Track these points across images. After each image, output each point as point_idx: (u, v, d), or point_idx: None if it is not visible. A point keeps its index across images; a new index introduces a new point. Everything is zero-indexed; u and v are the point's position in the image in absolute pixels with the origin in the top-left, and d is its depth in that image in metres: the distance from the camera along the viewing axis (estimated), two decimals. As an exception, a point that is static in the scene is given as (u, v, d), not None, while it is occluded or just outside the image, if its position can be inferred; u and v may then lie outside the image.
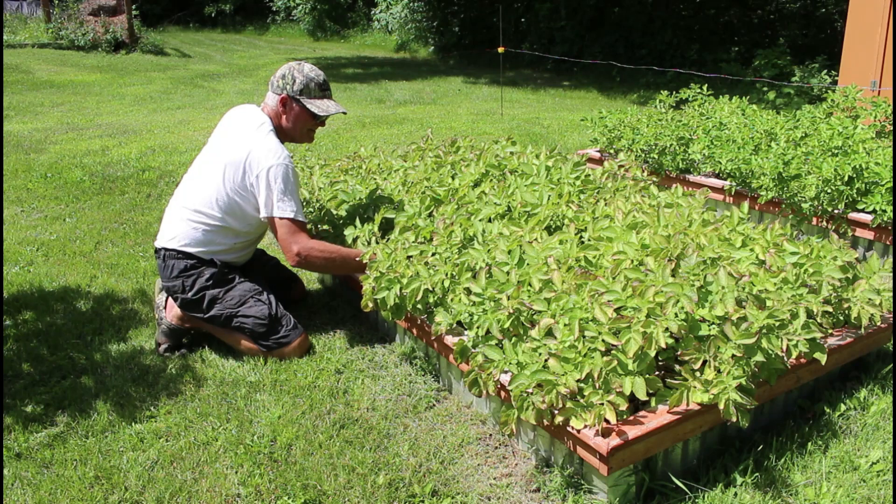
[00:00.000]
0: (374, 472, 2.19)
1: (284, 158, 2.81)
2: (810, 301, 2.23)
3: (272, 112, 2.95)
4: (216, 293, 2.85)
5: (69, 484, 2.15)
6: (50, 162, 5.92)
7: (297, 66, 2.92)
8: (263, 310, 2.83)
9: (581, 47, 12.66)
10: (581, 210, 2.84)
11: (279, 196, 2.79)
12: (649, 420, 2.00)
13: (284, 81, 2.90)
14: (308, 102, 2.90)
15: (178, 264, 2.86)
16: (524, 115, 8.29)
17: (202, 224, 2.86)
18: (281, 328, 2.84)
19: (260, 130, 2.87)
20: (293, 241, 2.82)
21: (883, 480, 2.11)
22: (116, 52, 13.95)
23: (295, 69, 2.91)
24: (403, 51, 16.42)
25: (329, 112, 2.92)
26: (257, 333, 2.82)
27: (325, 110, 2.91)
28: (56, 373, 2.77)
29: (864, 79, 5.55)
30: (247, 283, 2.91)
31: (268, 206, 2.82)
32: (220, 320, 2.85)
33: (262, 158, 2.79)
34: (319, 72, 2.95)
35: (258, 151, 2.80)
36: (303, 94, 2.90)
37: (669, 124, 4.61)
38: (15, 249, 4.06)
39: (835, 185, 3.56)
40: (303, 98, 2.90)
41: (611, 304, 2.10)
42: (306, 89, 2.90)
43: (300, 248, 2.82)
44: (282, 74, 2.91)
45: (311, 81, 2.90)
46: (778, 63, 9.62)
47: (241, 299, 2.85)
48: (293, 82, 2.89)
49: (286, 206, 2.80)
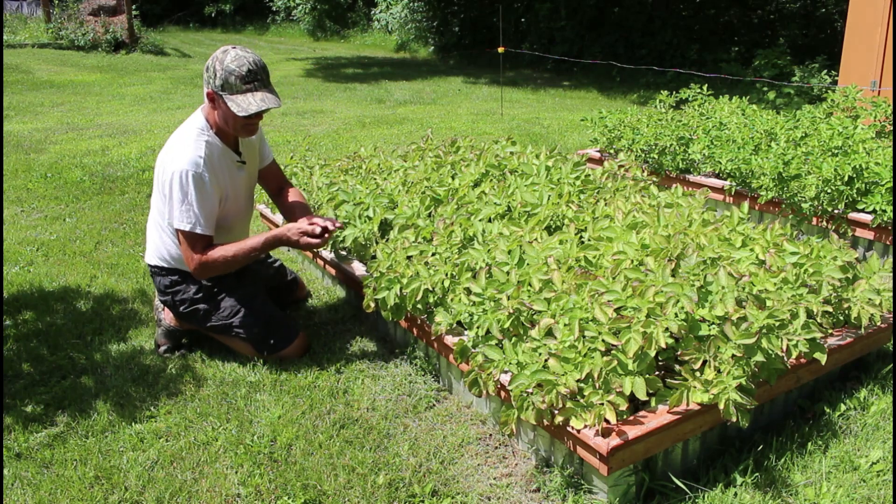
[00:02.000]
0: (374, 472, 2.19)
1: (189, 164, 2.58)
2: (810, 301, 2.23)
3: (207, 110, 2.70)
4: (207, 307, 2.82)
5: (69, 484, 2.15)
6: (50, 162, 5.92)
7: (221, 55, 2.57)
8: (258, 319, 2.80)
9: (581, 47, 12.66)
10: (581, 210, 2.84)
11: (178, 205, 2.60)
12: (649, 420, 2.00)
13: (208, 75, 2.59)
14: (229, 99, 2.55)
15: (164, 280, 2.84)
16: (524, 115, 8.29)
17: (166, 235, 2.76)
18: (277, 334, 2.82)
19: (186, 132, 2.68)
20: (189, 255, 2.65)
21: (883, 480, 2.11)
22: (116, 52, 13.95)
23: (217, 60, 2.56)
24: (403, 51, 16.42)
25: (249, 111, 2.53)
26: (253, 342, 2.81)
27: (245, 109, 2.53)
28: (56, 373, 2.77)
29: (864, 79, 5.55)
30: (238, 292, 2.84)
31: (170, 214, 2.64)
32: (217, 329, 2.85)
33: (167, 164, 2.63)
34: (245, 59, 2.55)
35: (166, 156, 2.65)
36: (224, 90, 2.56)
37: (669, 124, 4.61)
38: (15, 249, 4.06)
39: (835, 185, 3.56)
40: (224, 94, 2.56)
41: (611, 304, 2.10)
42: (226, 84, 2.55)
43: (196, 262, 2.65)
44: (206, 66, 2.61)
45: (230, 74, 2.53)
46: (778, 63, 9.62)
47: (232, 310, 2.80)
48: (214, 76, 2.56)
49: (183, 217, 2.60)
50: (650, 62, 11.24)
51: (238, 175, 2.83)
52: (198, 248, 2.65)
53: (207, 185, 2.63)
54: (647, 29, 12.26)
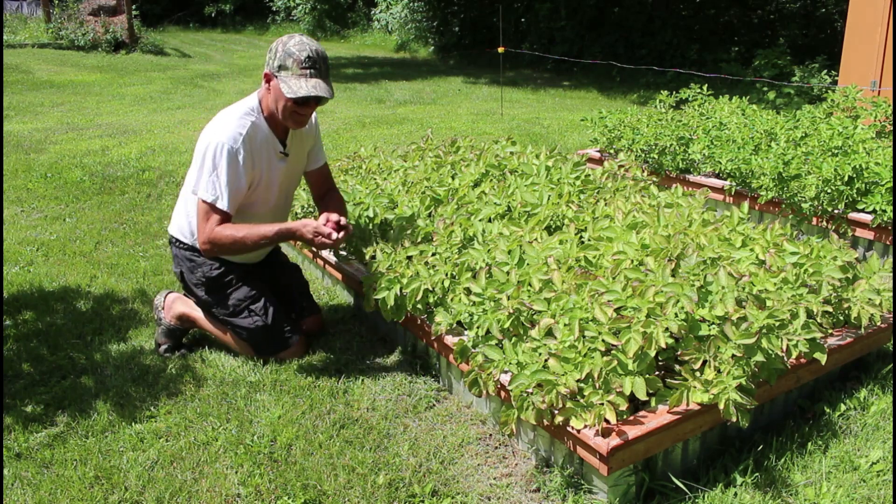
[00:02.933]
0: (374, 472, 2.19)
1: (227, 138, 2.57)
2: (810, 301, 2.23)
3: (262, 93, 2.69)
4: (210, 300, 2.81)
5: (69, 484, 2.14)
6: (50, 162, 5.92)
7: (287, 38, 2.60)
8: (258, 321, 2.78)
9: (581, 47, 12.66)
10: (581, 210, 2.84)
11: (206, 175, 2.58)
12: (649, 420, 2.00)
13: (269, 56, 2.61)
14: (282, 80, 2.56)
15: (180, 254, 2.83)
16: (524, 115, 8.29)
17: (193, 209, 2.73)
18: (277, 337, 2.81)
19: (235, 109, 2.68)
20: (202, 227, 2.62)
21: (883, 480, 2.11)
22: (116, 52, 13.95)
23: (281, 42, 2.59)
24: (403, 51, 16.42)
25: (298, 94, 2.53)
26: (252, 343, 2.81)
27: (294, 91, 2.53)
28: (56, 373, 2.77)
29: (864, 79, 5.55)
30: (242, 289, 2.80)
31: (196, 183, 2.61)
32: (218, 320, 2.85)
33: (208, 134, 2.61)
34: (308, 46, 2.56)
35: (210, 127, 2.64)
36: (281, 70, 2.56)
37: (669, 124, 4.61)
38: (15, 249, 4.06)
39: (835, 185, 3.56)
40: (281, 74, 2.56)
41: (611, 304, 2.10)
42: (283, 66, 2.55)
43: (206, 236, 2.61)
44: (269, 48, 2.63)
45: (289, 57, 2.54)
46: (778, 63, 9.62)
47: (234, 308, 2.79)
48: (274, 57, 2.58)
49: (208, 188, 2.58)
50: (650, 62, 11.24)
51: (277, 165, 2.77)
52: (212, 222, 2.61)
53: (240, 163, 2.60)
54: (647, 29, 12.26)
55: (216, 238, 2.61)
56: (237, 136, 2.59)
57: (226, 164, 2.57)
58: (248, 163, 2.62)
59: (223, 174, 2.57)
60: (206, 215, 2.60)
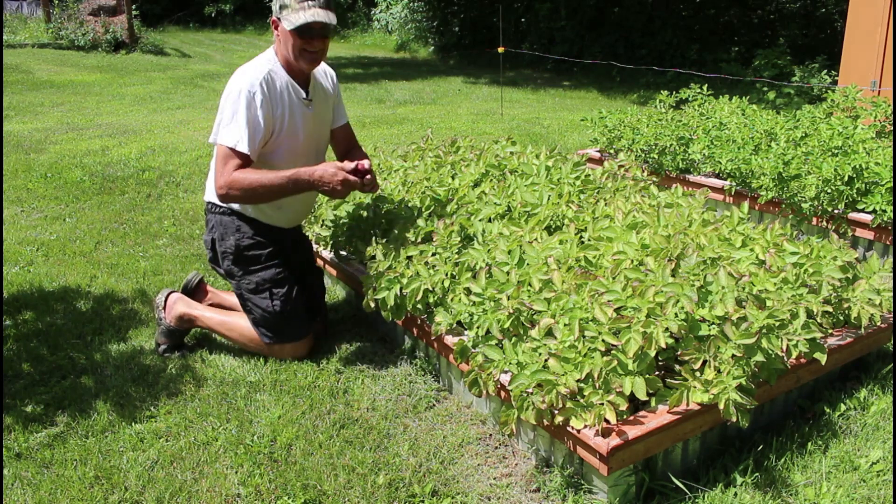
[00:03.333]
0: (374, 472, 2.19)
1: (245, 83, 2.58)
2: (810, 301, 2.23)
3: (276, 45, 2.71)
4: (235, 270, 2.81)
5: (69, 484, 2.15)
6: (50, 162, 5.92)
7: None
8: (276, 305, 2.78)
9: (581, 47, 12.66)
10: (581, 210, 2.84)
11: (226, 121, 2.58)
12: (649, 420, 2.00)
13: (273, 4, 2.63)
14: (285, 18, 2.58)
15: (214, 219, 2.81)
16: (524, 115, 8.29)
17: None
18: (286, 327, 2.81)
19: (253, 61, 2.69)
20: (221, 170, 2.59)
21: (883, 480, 2.11)
22: (116, 52, 13.95)
23: None
24: (403, 51, 16.42)
25: (297, 23, 2.54)
26: (261, 323, 2.80)
27: (294, 22, 2.55)
28: (56, 373, 2.77)
29: (864, 79, 5.55)
30: (271, 270, 2.78)
31: (216, 128, 2.62)
32: (235, 289, 2.85)
33: (231, 81, 2.62)
34: None
35: (230, 80, 2.64)
36: (283, 10, 2.59)
37: (669, 124, 4.61)
38: (15, 249, 4.06)
39: (835, 185, 3.56)
40: (283, 13, 2.58)
41: (611, 304, 2.10)
42: (284, 4, 2.58)
43: (224, 179, 2.57)
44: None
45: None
46: (778, 63, 9.62)
47: (258, 286, 2.78)
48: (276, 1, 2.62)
49: (228, 133, 2.57)
50: (650, 62, 11.24)
51: (303, 111, 2.75)
52: (231, 165, 2.57)
53: (258, 105, 2.58)
54: (647, 29, 12.26)
55: (234, 181, 2.57)
56: (254, 81, 2.59)
57: (244, 107, 2.56)
58: (266, 105, 2.61)
59: (242, 117, 2.56)
60: (226, 159, 2.58)
